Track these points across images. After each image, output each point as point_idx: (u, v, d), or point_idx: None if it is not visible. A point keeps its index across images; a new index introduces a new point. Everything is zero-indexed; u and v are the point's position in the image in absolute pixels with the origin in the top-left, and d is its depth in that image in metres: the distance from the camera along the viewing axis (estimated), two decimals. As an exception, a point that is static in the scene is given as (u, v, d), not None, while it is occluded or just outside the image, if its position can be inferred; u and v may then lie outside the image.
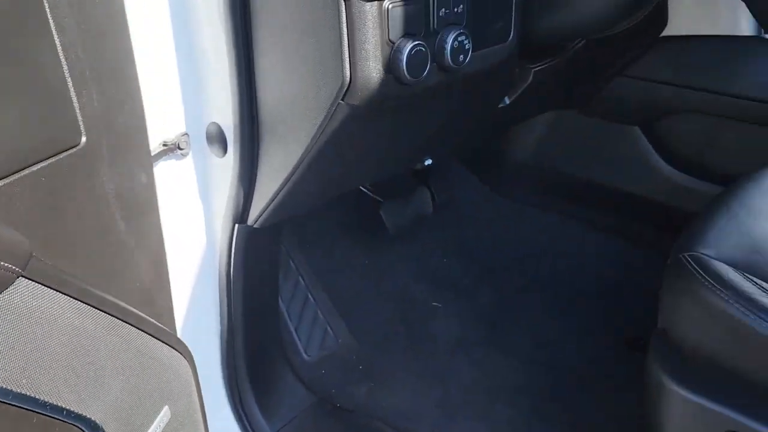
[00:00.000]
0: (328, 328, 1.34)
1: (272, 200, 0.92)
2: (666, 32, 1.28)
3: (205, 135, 0.95)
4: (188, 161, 0.96)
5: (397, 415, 1.19)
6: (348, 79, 0.73)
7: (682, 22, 1.24)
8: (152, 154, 0.86)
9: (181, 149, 0.95)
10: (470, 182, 1.64)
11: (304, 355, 1.28)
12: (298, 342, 1.28)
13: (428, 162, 1.17)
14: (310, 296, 1.35)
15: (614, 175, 1.42)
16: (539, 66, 1.08)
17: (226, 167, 0.94)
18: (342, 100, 0.76)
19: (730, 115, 1.24)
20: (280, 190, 0.90)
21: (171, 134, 0.94)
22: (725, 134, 1.26)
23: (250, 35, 0.83)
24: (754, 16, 0.89)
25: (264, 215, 0.95)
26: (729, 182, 0.98)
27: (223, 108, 0.90)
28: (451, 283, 1.50)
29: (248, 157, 0.91)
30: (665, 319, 0.79)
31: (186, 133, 0.94)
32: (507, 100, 1.11)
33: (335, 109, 0.77)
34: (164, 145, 0.93)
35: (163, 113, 0.89)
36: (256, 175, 0.93)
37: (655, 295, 0.89)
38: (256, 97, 0.87)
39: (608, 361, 1.29)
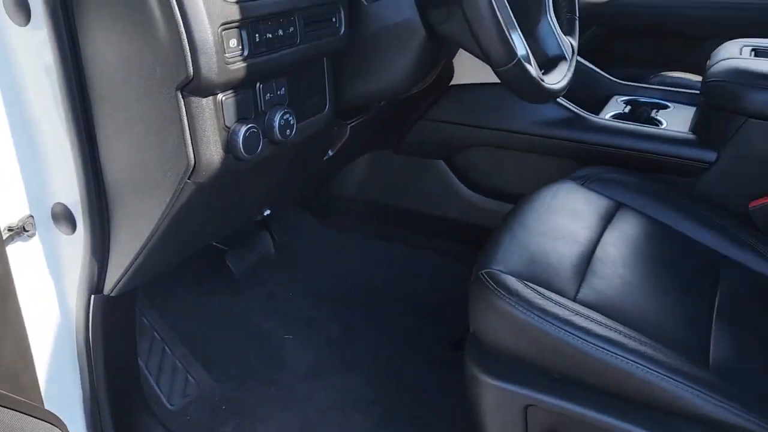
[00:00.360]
0: (188, 376, 1.41)
1: (128, 269, 1.00)
2: (454, 81, 1.53)
3: (51, 215, 1.00)
4: (36, 241, 1.01)
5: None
6: (193, 162, 0.85)
7: (467, 72, 1.49)
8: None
9: (27, 231, 1.00)
10: (305, 220, 1.79)
11: (168, 406, 1.35)
12: (161, 394, 1.35)
13: (267, 212, 1.30)
14: (166, 348, 1.42)
15: (427, 203, 1.65)
16: (353, 122, 1.26)
17: (77, 243, 1.00)
18: (188, 179, 0.87)
19: (511, 147, 1.51)
20: (135, 260, 0.98)
21: (15, 218, 0.98)
22: (509, 162, 1.54)
23: (92, 121, 0.91)
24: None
25: (120, 283, 1.02)
26: (516, 199, 1.23)
27: (68, 188, 0.95)
28: (300, 316, 1.64)
29: (99, 233, 0.98)
30: (474, 324, 1.00)
31: (31, 215, 0.99)
32: (330, 153, 1.28)
33: (182, 187, 0.88)
34: (9, 230, 0.97)
35: (4, 199, 0.93)
36: (108, 247, 1.00)
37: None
38: (102, 177, 0.95)
39: (441, 363, 1.50)
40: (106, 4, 0.81)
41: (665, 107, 1.57)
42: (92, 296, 1.04)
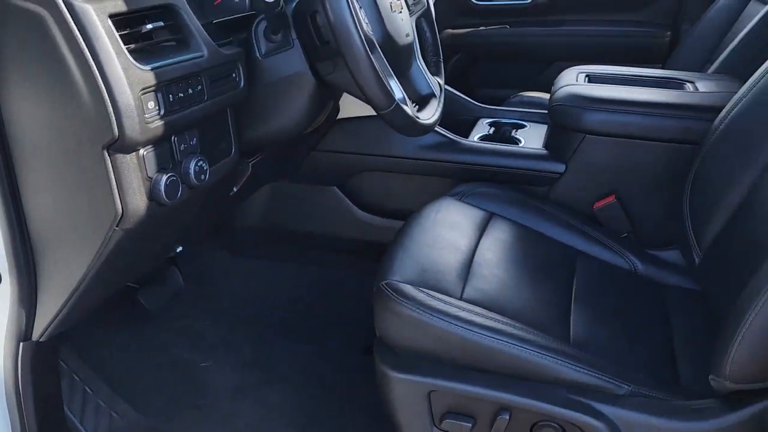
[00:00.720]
0: (112, 413, 1.47)
1: (57, 315, 1.07)
2: (340, 116, 1.69)
3: (-27, 267, 1.05)
4: (-41, 294, 1.05)
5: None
6: (120, 211, 0.95)
7: (351, 107, 1.66)
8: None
9: (-51, 286, 1.04)
10: (212, 252, 1.89)
11: (94, 443, 1.40)
12: (85, 432, 1.40)
13: (179, 249, 1.40)
14: (87, 389, 1.46)
15: (325, 225, 1.80)
16: (254, 159, 1.40)
17: (4, 294, 1.06)
18: (117, 227, 0.97)
19: (396, 170, 1.70)
20: (65, 305, 1.06)
21: (-64, 274, 1.02)
22: (395, 184, 1.72)
23: (15, 180, 0.98)
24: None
25: (50, 329, 1.09)
26: (405, 216, 1.40)
27: (-8, 244, 1.02)
28: (216, 342, 1.73)
29: (26, 282, 1.05)
30: (379, 329, 1.16)
31: (-47, 269, 1.04)
32: (235, 189, 1.40)
33: (111, 234, 0.98)
34: (-69, 285, 1.02)
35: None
36: (36, 295, 1.06)
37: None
38: (27, 231, 1.02)
39: (354, 368, 1.65)
40: (29, 77, 0.90)
41: (523, 126, 1.82)
42: (21, 344, 1.10)
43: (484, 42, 2.71)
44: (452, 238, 1.33)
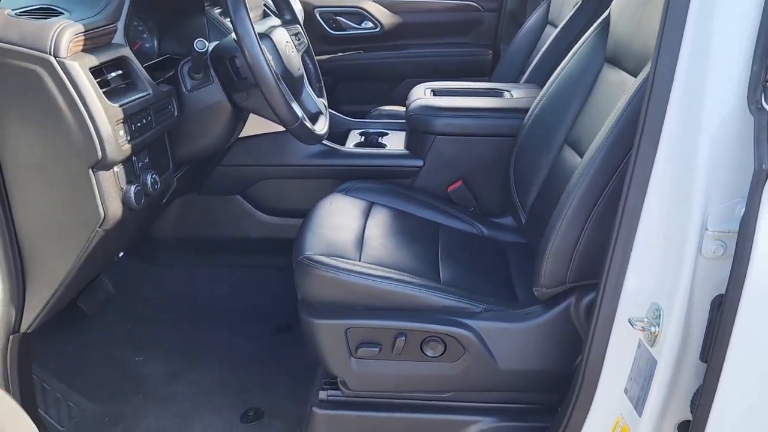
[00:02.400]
0: (70, 403, 1.70)
1: (44, 308, 1.32)
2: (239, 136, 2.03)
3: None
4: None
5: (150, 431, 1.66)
6: (103, 215, 1.25)
7: (248, 129, 2.00)
8: None
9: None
10: (131, 263, 2.13)
11: (60, 428, 1.63)
12: (52, 421, 1.62)
13: (121, 254, 1.67)
14: (45, 385, 1.68)
15: (233, 230, 2.11)
16: (178, 174, 1.70)
17: (-6, 294, 1.29)
18: (99, 228, 1.26)
19: (290, 176, 2.06)
20: (51, 299, 1.32)
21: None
22: (291, 188, 2.08)
23: (6, 195, 1.23)
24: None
25: (36, 321, 1.34)
26: (302, 214, 1.77)
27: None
28: (146, 341, 1.99)
29: (15, 280, 1.29)
30: (302, 292, 1.51)
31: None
32: (164, 200, 1.70)
33: (94, 235, 1.26)
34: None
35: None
36: (24, 293, 1.31)
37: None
38: (15, 232, 1.26)
39: (273, 344, 1.98)
40: (26, 118, 1.18)
41: (386, 134, 2.26)
42: (10, 336, 1.33)
43: (342, 66, 3.15)
44: (346, 222, 1.73)
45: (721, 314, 1.02)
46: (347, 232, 1.67)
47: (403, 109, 2.53)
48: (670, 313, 1.11)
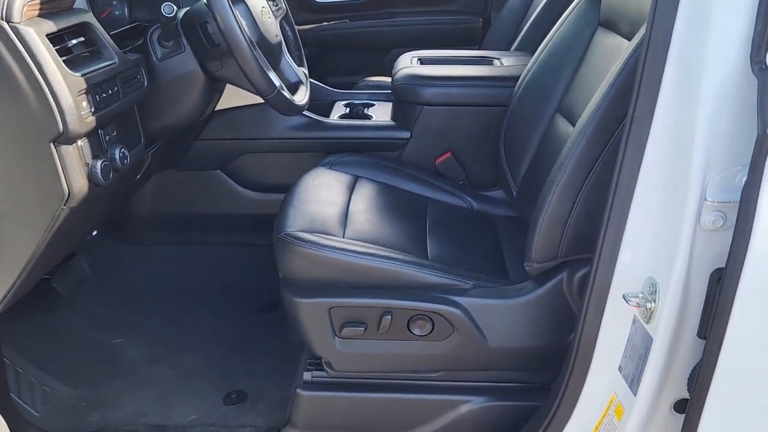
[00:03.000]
0: (45, 388, 1.64)
1: (10, 289, 1.26)
2: (217, 109, 1.95)
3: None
4: None
5: (129, 417, 1.61)
6: (67, 192, 1.17)
7: (227, 100, 1.92)
8: None
9: None
10: (108, 242, 2.06)
11: (35, 413, 1.57)
12: (26, 405, 1.57)
13: (95, 233, 1.60)
14: (18, 369, 1.62)
15: (214, 206, 2.04)
16: (153, 149, 1.63)
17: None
18: (64, 206, 1.19)
19: (272, 150, 1.99)
20: (18, 279, 1.25)
21: None
22: (273, 162, 2.01)
23: None
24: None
25: (4, 302, 1.27)
26: (285, 189, 1.70)
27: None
28: (124, 322, 1.92)
29: None
30: (283, 270, 1.45)
31: None
32: (138, 177, 1.62)
33: (59, 213, 1.19)
34: None
35: None
36: None
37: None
38: None
39: (255, 325, 1.93)
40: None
41: (372, 105, 2.18)
42: None
43: (327, 35, 3.05)
44: (330, 197, 1.66)
45: (720, 288, 0.97)
46: (330, 207, 1.60)
47: (389, 79, 2.45)
48: (667, 287, 1.06)
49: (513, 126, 1.81)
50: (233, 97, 1.90)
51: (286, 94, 1.46)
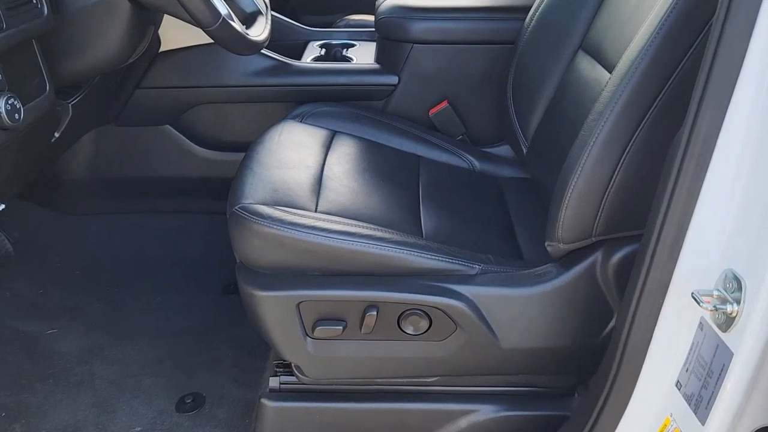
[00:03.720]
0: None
1: None
2: (162, 49, 1.60)
3: None
4: None
5: (58, 430, 1.31)
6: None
7: (175, 39, 1.57)
8: None
9: None
10: (38, 213, 1.73)
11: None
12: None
13: (2, 207, 1.27)
14: None
15: (163, 168, 1.72)
16: (74, 100, 1.28)
17: None
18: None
19: (231, 101, 1.65)
20: None
21: None
22: (232, 114, 1.68)
23: None
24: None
25: None
26: (247, 148, 1.38)
27: None
28: (58, 307, 1.61)
29: None
30: (239, 253, 1.14)
31: None
32: (57, 135, 1.28)
33: None
34: None
35: None
36: None
37: (229, 245, 1.23)
38: None
39: (216, 308, 1.63)
40: None
41: (353, 45, 1.83)
42: None
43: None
44: (299, 157, 1.34)
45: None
46: (301, 170, 1.28)
47: (372, 18, 2.10)
48: (758, 287, 0.77)
49: (523, 67, 1.49)
50: (183, 34, 1.55)
51: (236, 26, 1.12)
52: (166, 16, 1.36)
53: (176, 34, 1.56)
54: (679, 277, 0.86)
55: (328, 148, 1.41)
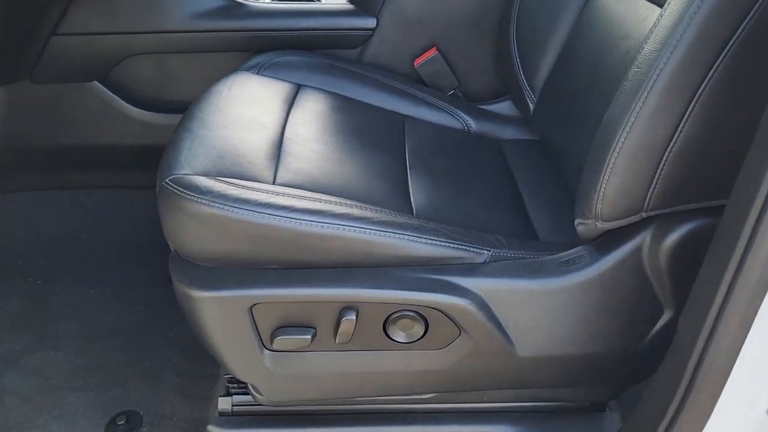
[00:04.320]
0: None
1: None
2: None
3: None
4: None
5: None
6: None
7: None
8: None
9: None
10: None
11: None
12: None
13: None
14: None
15: (92, 133, 1.42)
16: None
17: None
18: None
19: (171, 50, 1.35)
20: None
21: None
22: (174, 67, 1.38)
23: None
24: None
25: None
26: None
27: None
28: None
29: None
30: (172, 241, 0.87)
31: None
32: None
33: None
34: None
35: None
36: None
37: None
38: None
39: (157, 303, 1.35)
40: None
41: (321, -17, 1.54)
42: None
43: None
44: (254, 115, 1.05)
45: None
46: (255, 131, 1.00)
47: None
48: None
49: (529, 4, 1.22)
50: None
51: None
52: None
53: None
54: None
55: (290, 104, 1.13)
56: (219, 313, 0.83)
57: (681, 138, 0.72)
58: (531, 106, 1.18)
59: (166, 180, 0.86)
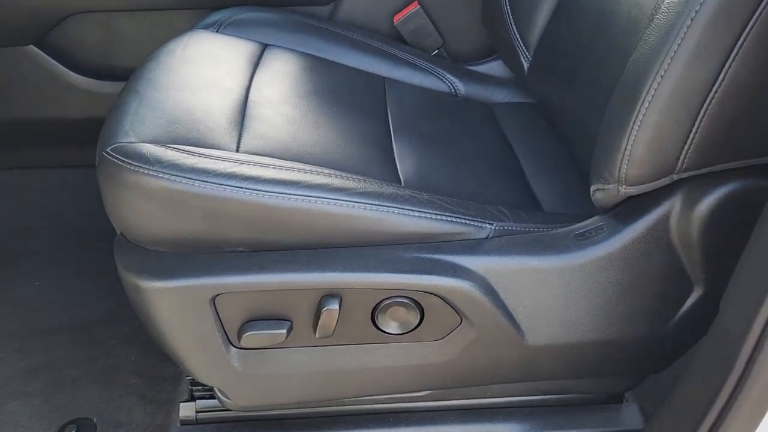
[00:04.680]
0: None
1: None
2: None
3: None
4: None
5: None
6: None
7: None
8: None
9: None
10: None
11: None
12: None
13: None
14: None
15: (33, 104, 1.26)
16: None
17: None
18: None
19: (118, 8, 1.20)
20: None
21: None
22: (122, 28, 1.23)
23: None
24: None
25: None
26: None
27: None
28: None
29: None
30: (115, 221, 0.73)
31: None
32: None
33: None
34: None
35: None
36: None
37: None
38: None
39: (114, 292, 1.20)
40: None
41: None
42: None
43: None
44: (214, 77, 0.91)
45: None
46: (215, 93, 0.87)
47: None
48: None
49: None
50: None
51: None
52: None
53: None
54: None
55: (255, 65, 0.99)
56: (175, 306, 0.70)
57: (726, 81, 0.60)
58: (525, 66, 1.06)
59: (107, 149, 0.71)
